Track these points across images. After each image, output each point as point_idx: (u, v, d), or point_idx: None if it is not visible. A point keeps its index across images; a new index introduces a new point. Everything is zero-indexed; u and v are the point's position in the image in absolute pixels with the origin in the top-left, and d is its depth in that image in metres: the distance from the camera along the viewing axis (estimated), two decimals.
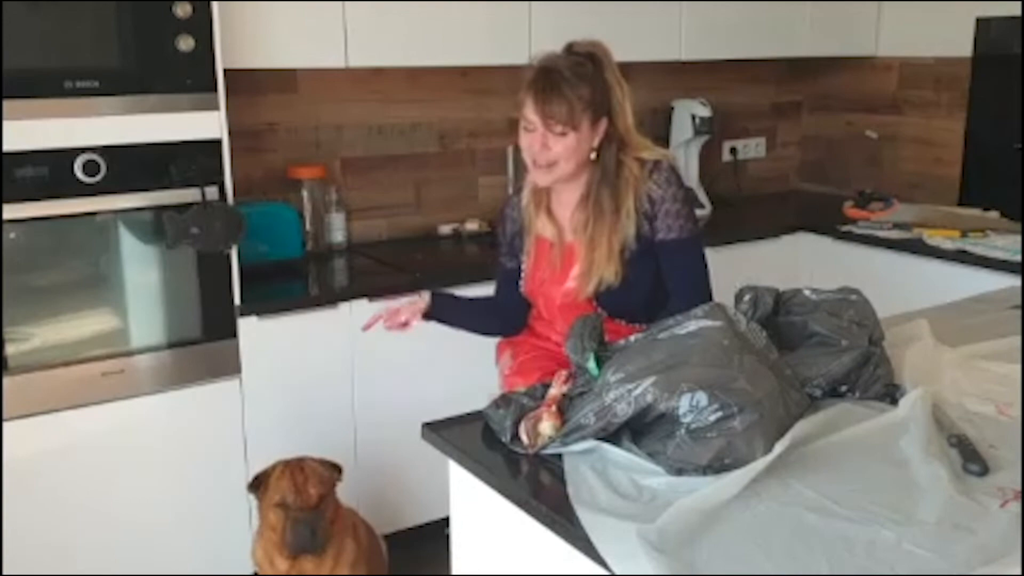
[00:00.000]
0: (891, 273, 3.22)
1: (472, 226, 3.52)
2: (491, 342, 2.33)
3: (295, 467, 2.35)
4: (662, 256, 2.04)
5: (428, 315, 2.22)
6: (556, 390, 1.63)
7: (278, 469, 2.36)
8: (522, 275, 2.19)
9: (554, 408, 1.56)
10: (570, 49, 2.03)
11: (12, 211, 2.27)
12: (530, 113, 1.99)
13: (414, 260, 3.13)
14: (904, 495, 1.36)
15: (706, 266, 2.10)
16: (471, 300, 2.36)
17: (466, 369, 2.48)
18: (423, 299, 2.21)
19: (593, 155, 2.02)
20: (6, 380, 2.34)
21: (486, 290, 2.80)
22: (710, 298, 2.06)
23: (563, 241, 2.11)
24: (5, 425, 2.36)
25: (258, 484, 2.37)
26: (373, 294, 2.79)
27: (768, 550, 1.23)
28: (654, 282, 2.05)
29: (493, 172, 3.59)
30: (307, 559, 2.36)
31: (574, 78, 1.96)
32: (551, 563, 1.43)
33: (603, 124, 2.00)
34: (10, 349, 2.34)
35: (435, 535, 2.80)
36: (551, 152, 1.99)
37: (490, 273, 2.78)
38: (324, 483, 2.36)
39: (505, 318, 2.27)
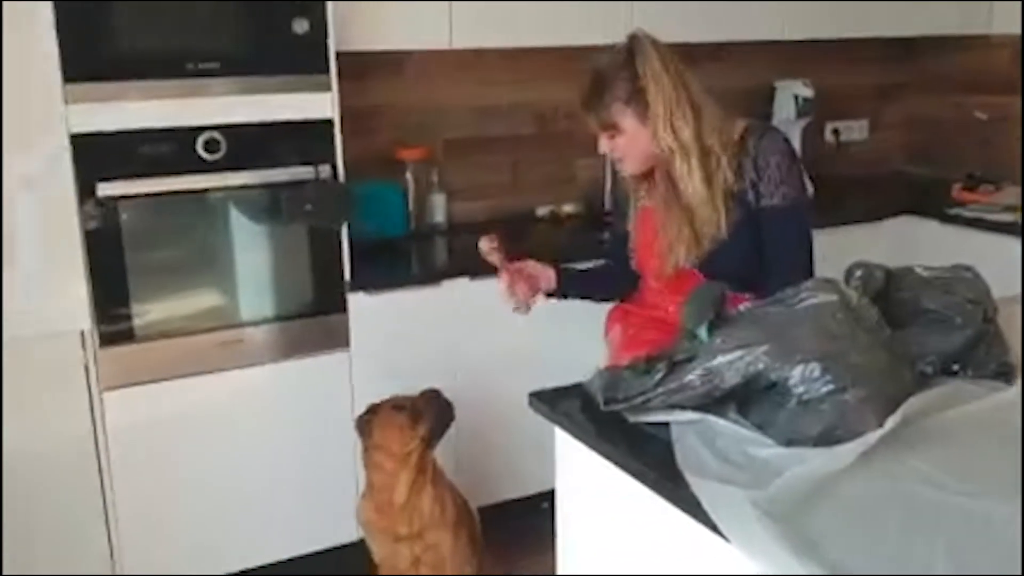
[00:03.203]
0: (1000, 257, 3.12)
1: (569, 208, 3.55)
2: (596, 316, 2.35)
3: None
4: (763, 224, 2.01)
5: (555, 292, 2.27)
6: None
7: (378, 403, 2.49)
8: (629, 242, 2.20)
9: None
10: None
11: (139, 186, 2.40)
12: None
13: (513, 241, 3.17)
14: (1021, 472, 1.34)
15: (810, 242, 2.06)
16: (590, 270, 2.40)
17: (568, 344, 2.52)
18: (548, 273, 2.26)
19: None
20: (131, 347, 2.48)
21: None
22: (810, 276, 2.03)
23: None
24: (128, 390, 2.49)
25: (369, 410, 2.46)
26: (474, 273, 2.85)
27: (884, 522, 1.23)
28: (760, 256, 2.04)
29: (590, 154, 3.55)
30: (418, 499, 2.45)
31: (611, 77, 1.97)
32: (659, 529, 1.45)
33: None
34: (135, 321, 2.47)
35: (532, 509, 2.85)
36: (612, 151, 2.06)
37: (587, 254, 2.81)
38: None
39: (620, 280, 2.28)
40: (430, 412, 2.44)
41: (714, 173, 2.00)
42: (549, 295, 2.28)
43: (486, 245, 2.22)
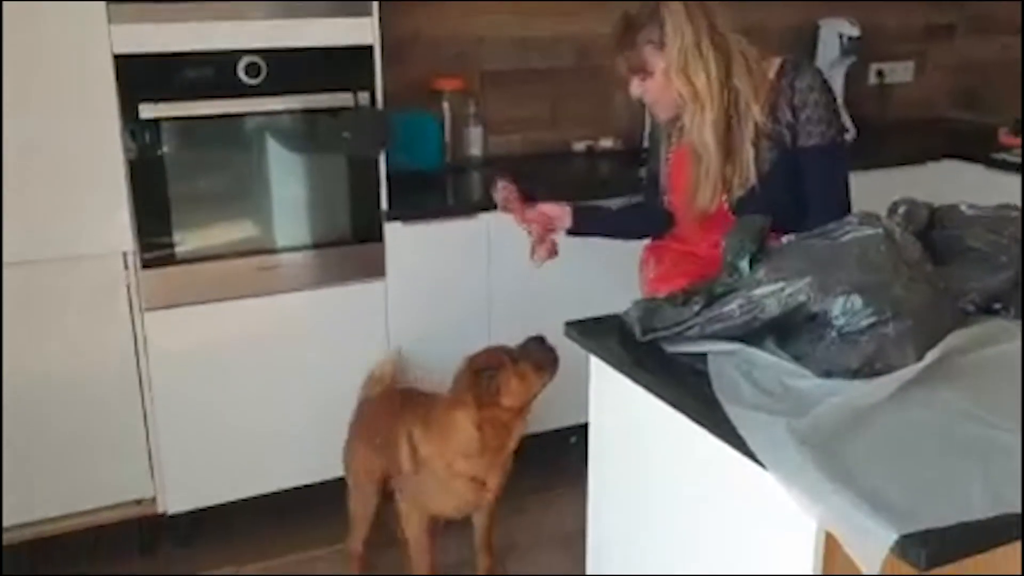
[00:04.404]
0: None
1: (606, 143, 3.51)
2: (631, 250, 2.35)
3: None
4: (802, 164, 2.00)
5: (571, 231, 2.30)
6: None
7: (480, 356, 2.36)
8: (661, 180, 2.20)
9: None
10: None
11: (181, 109, 2.40)
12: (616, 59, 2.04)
13: (548, 176, 3.17)
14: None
15: (847, 181, 2.05)
16: (616, 210, 2.40)
17: (602, 278, 2.52)
18: (561, 212, 2.29)
19: None
20: (171, 269, 2.51)
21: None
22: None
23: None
24: (169, 311, 2.53)
25: (484, 368, 2.29)
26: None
27: (920, 453, 1.24)
28: (795, 196, 2.02)
29: None
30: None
31: (643, 19, 1.96)
32: (694, 457, 1.47)
33: None
34: (176, 243, 2.50)
35: (560, 442, 2.89)
36: (644, 94, 2.06)
37: (623, 190, 2.80)
38: None
39: (651, 218, 2.29)
40: (548, 358, 2.29)
41: (743, 116, 1.98)
42: (571, 233, 2.30)
43: (500, 197, 2.32)
